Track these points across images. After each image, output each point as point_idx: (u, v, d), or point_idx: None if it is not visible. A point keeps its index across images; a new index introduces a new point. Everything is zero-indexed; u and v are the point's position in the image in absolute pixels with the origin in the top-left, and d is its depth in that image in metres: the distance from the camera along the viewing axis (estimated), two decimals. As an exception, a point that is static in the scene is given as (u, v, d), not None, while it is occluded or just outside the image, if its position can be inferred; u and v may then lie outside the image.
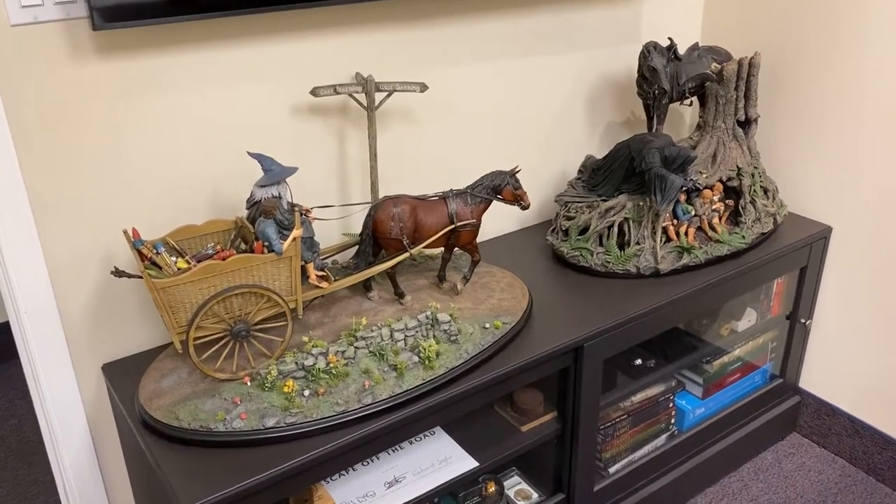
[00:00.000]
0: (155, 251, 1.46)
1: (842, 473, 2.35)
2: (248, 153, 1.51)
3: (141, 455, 1.46)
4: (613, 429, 2.06)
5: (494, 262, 1.96)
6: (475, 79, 1.99)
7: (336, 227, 1.82)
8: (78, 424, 1.64)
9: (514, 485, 2.01)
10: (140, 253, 1.44)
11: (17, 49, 1.37)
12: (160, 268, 1.46)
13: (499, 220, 2.18)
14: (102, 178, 1.53)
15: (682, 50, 2.13)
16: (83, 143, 1.49)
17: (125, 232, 1.47)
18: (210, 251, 1.54)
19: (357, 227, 1.81)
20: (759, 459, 2.42)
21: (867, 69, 2.05)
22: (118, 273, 1.40)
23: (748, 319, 2.28)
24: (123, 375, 1.60)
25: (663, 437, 2.20)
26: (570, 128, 2.26)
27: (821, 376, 2.41)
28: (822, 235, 2.21)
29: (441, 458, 1.73)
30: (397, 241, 1.61)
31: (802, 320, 2.31)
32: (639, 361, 2.08)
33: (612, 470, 2.07)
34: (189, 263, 1.49)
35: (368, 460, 1.69)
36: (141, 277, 1.34)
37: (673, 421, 2.22)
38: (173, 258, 1.49)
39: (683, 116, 2.53)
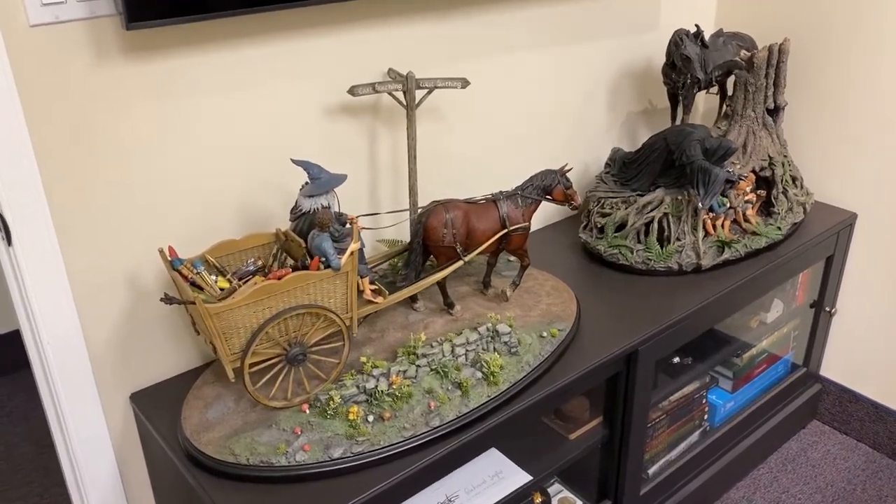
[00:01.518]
0: (195, 271, 1.34)
1: (867, 459, 2.35)
2: (293, 160, 1.39)
3: (186, 493, 1.33)
4: (653, 430, 2.00)
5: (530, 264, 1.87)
6: (497, 72, 1.89)
7: (369, 235, 1.71)
8: (106, 462, 1.50)
9: (556, 493, 1.95)
10: (179, 273, 1.32)
11: (37, 51, 1.22)
12: (201, 289, 1.33)
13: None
14: (131, 192, 1.39)
15: (705, 37, 2.07)
16: (109, 153, 1.34)
17: (161, 251, 1.34)
18: (251, 267, 1.42)
19: (389, 234, 1.71)
20: (784, 450, 2.41)
21: (891, 51, 2.02)
22: (168, 300, 1.27)
23: (776, 310, 2.25)
24: (156, 405, 1.47)
25: (696, 433, 2.16)
26: (591, 119, 2.18)
27: (842, 363, 2.40)
28: (847, 223, 2.19)
29: (492, 472, 1.65)
30: (450, 249, 1.52)
31: (828, 308, 2.29)
32: (677, 360, 2.03)
33: (651, 472, 2.01)
34: (230, 282, 1.37)
35: (421, 481, 1.59)
36: (193, 303, 1.21)
37: (706, 417, 2.18)
38: (213, 277, 1.36)
39: (697, 105, 2.48)
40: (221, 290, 1.35)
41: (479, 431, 1.40)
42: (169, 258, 1.33)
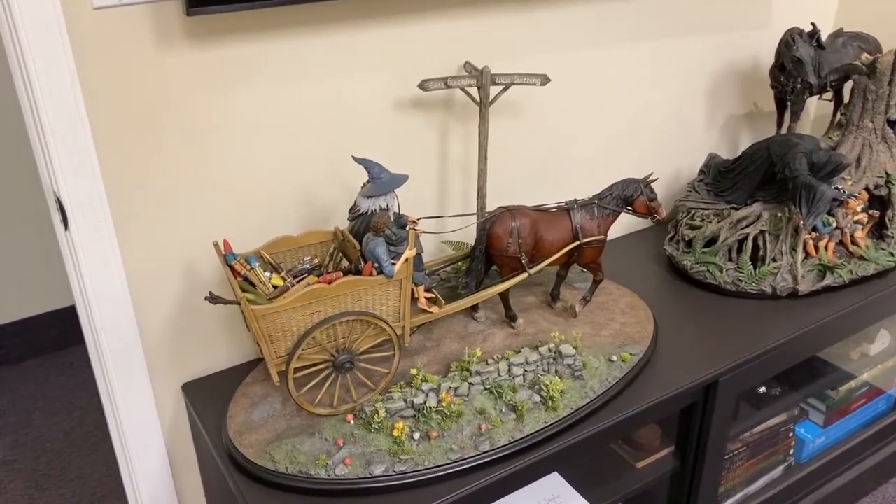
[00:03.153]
0: (248, 266, 1.29)
1: (975, 514, 2.11)
2: (354, 158, 1.32)
3: (228, 494, 1.30)
4: (730, 461, 1.85)
5: (606, 274, 1.74)
6: (585, 67, 1.76)
7: (433, 236, 1.62)
8: (156, 451, 1.49)
9: (619, 521, 1.82)
10: (232, 269, 1.27)
11: (99, 35, 1.19)
12: (254, 285, 1.29)
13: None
14: (189, 182, 1.36)
15: (822, 37, 1.87)
16: (169, 142, 1.31)
17: (216, 244, 1.30)
18: (307, 266, 1.36)
19: (456, 236, 1.62)
20: (879, 493, 2.20)
21: None
22: (213, 299, 1.23)
23: (882, 342, 2.04)
24: (206, 397, 1.44)
25: (780, 468, 1.99)
26: (687, 121, 2.02)
27: (956, 405, 2.16)
28: (976, 251, 1.95)
29: (549, 497, 1.55)
30: (514, 260, 1.42)
31: (942, 344, 2.06)
32: (763, 389, 1.86)
33: (725, 505, 1.87)
34: (285, 280, 1.31)
35: (471, 500, 1.51)
36: (238, 304, 1.16)
37: (791, 451, 2.00)
38: (268, 274, 1.32)
39: (808, 110, 2.26)
40: (275, 287, 1.30)
41: (533, 459, 1.30)
42: (224, 252, 1.29)
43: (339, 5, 1.37)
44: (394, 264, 1.24)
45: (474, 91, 1.49)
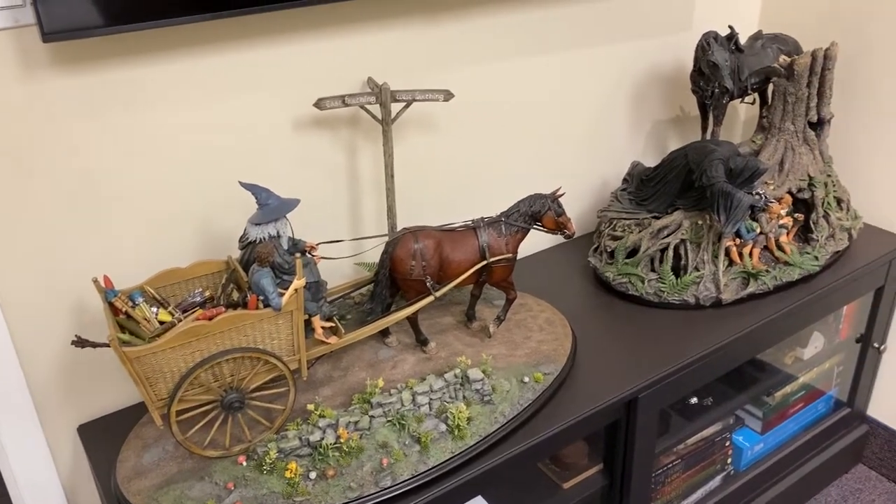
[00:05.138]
0: (131, 303, 1.22)
1: (917, 514, 2.10)
2: (241, 183, 1.26)
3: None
4: (664, 475, 1.81)
5: (528, 288, 1.69)
6: (503, 77, 1.71)
7: (344, 260, 1.56)
8: (54, 498, 1.41)
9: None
10: (113, 307, 1.20)
11: (-47, 65, 1.12)
12: (138, 322, 1.22)
13: (529, 236, 1.91)
14: (68, 215, 1.28)
15: (742, 39, 1.84)
16: (42, 173, 1.24)
17: (95, 281, 1.23)
18: (198, 298, 1.30)
19: (373, 256, 1.56)
20: (822, 496, 2.17)
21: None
22: (80, 343, 1.16)
23: (815, 346, 2.02)
24: (101, 439, 1.37)
25: (718, 478, 1.96)
26: (611, 128, 1.98)
27: (893, 404, 2.15)
28: (902, 250, 1.93)
29: (471, 524, 1.49)
30: (419, 283, 1.36)
31: (876, 345, 2.04)
32: (694, 400, 1.82)
33: (662, 521, 1.83)
34: (173, 315, 1.25)
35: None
36: (108, 346, 1.10)
37: (729, 461, 1.97)
38: (154, 309, 1.25)
39: (738, 112, 2.24)
40: (161, 323, 1.23)
41: (441, 491, 1.24)
42: (104, 288, 1.22)
43: (222, 25, 1.31)
44: (283, 295, 1.18)
45: (376, 108, 1.44)
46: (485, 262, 1.39)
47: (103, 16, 1.12)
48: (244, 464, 1.20)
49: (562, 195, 1.43)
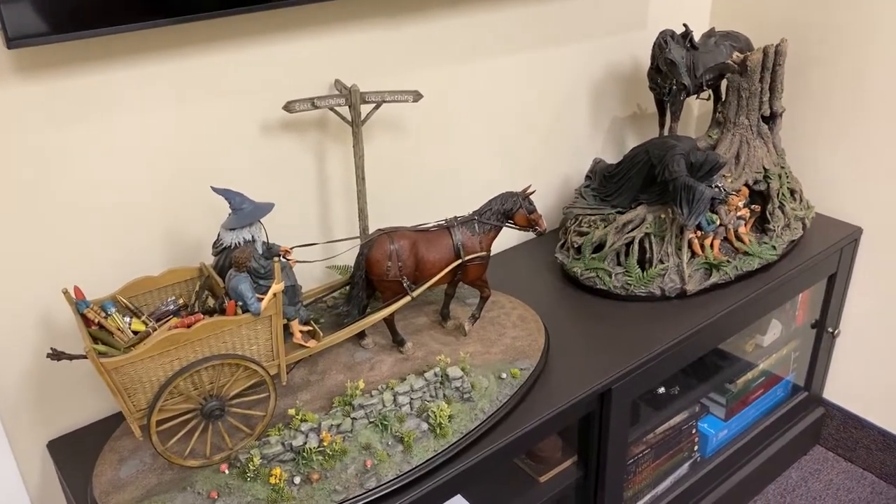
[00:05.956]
0: (103, 314, 1.20)
1: (872, 491, 2.18)
2: (213, 189, 1.24)
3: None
4: (635, 465, 1.85)
5: (498, 286, 1.71)
6: (467, 78, 1.73)
7: (317, 263, 1.55)
8: (22, 516, 1.38)
9: (529, 536, 1.80)
10: (85, 318, 1.18)
11: None
12: (112, 333, 1.19)
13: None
14: (34, 224, 1.25)
15: (696, 37, 1.89)
16: (6, 182, 1.20)
17: (65, 292, 1.20)
18: (171, 306, 1.28)
19: (345, 260, 1.56)
20: (783, 479, 2.24)
21: (902, 54, 1.84)
22: (56, 355, 1.13)
23: (773, 332, 2.08)
24: (73, 454, 1.34)
25: (685, 465, 2.01)
26: (572, 126, 2.02)
27: (848, 387, 2.23)
28: (852, 238, 2.01)
29: (452, 521, 1.50)
30: (396, 283, 1.36)
31: (830, 329, 2.12)
32: (662, 390, 1.87)
33: (634, 509, 1.86)
34: (147, 325, 1.23)
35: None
36: (85, 357, 1.07)
37: (696, 448, 2.02)
38: (127, 319, 1.23)
39: (692, 108, 2.30)
40: (135, 333, 1.21)
41: (426, 489, 1.25)
42: (74, 300, 1.19)
43: (188, 29, 1.29)
44: (261, 299, 1.17)
45: (345, 110, 1.44)
46: (460, 261, 1.40)
47: (67, 21, 1.10)
48: (227, 472, 1.19)
49: (532, 192, 1.45)
